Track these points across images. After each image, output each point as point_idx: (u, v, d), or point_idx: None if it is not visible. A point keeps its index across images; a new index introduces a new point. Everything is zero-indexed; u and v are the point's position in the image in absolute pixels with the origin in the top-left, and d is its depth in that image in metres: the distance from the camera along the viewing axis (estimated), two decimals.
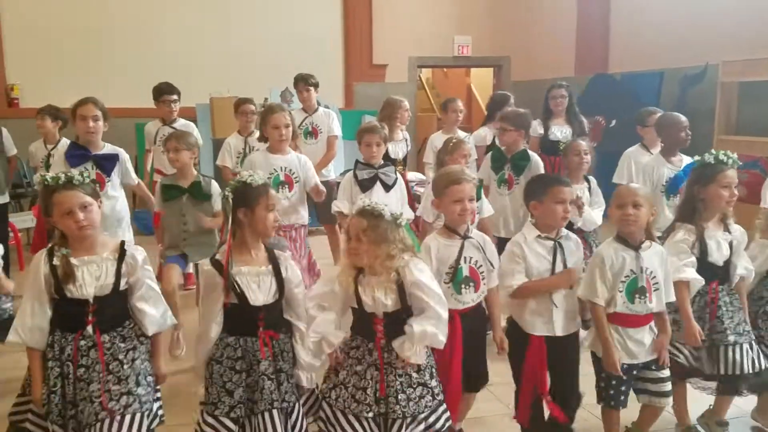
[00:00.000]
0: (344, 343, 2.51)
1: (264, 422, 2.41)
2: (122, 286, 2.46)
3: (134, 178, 4.27)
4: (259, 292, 2.46)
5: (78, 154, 3.88)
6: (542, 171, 4.41)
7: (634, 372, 2.83)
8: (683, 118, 4.21)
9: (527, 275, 2.77)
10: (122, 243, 2.52)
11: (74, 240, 2.43)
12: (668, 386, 2.86)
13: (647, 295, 2.75)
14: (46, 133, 5.74)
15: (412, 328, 2.39)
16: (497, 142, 5.47)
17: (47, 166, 5.58)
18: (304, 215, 4.11)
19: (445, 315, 2.43)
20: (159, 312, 2.55)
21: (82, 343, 2.40)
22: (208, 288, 2.48)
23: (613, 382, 2.80)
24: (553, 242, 2.79)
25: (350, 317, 2.56)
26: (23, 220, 6.63)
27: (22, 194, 7.63)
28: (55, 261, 2.39)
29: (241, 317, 2.46)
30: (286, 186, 3.96)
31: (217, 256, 2.49)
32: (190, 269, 4.15)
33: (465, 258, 2.77)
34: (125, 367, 2.42)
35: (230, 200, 2.47)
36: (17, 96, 8.76)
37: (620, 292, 2.74)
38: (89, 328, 2.40)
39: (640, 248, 2.76)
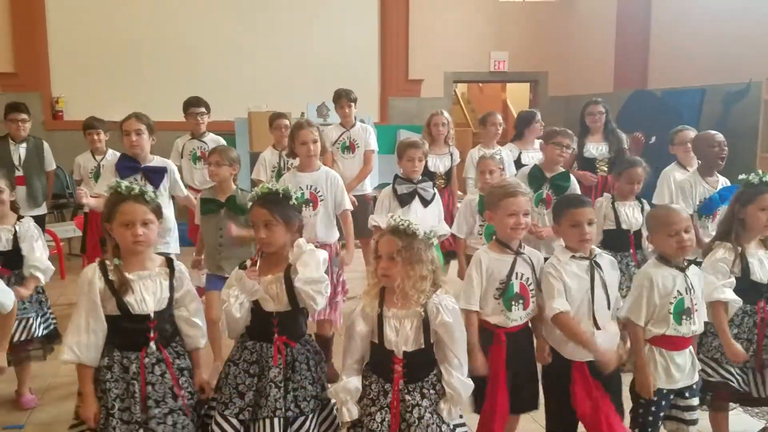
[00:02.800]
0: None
1: (264, 429, 2.44)
2: (174, 299, 2.52)
3: (183, 190, 4.34)
4: (269, 300, 2.51)
5: (129, 166, 3.98)
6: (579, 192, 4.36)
7: (671, 398, 2.73)
8: (718, 135, 4.11)
9: (567, 296, 2.68)
10: (169, 258, 2.57)
11: (126, 253, 2.46)
12: (696, 414, 2.78)
13: (692, 315, 2.68)
14: (98, 146, 5.80)
15: (458, 392, 2.36)
16: (522, 159, 5.43)
17: (97, 176, 5.68)
18: (327, 234, 4.02)
19: (466, 358, 2.43)
20: (204, 324, 2.63)
21: (146, 360, 2.42)
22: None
23: (652, 408, 2.70)
24: (588, 261, 2.71)
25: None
26: (65, 230, 6.78)
27: (64, 204, 7.80)
28: (111, 276, 2.41)
29: (257, 321, 2.53)
30: (311, 204, 3.94)
31: (247, 262, 2.55)
32: None
33: (516, 274, 2.72)
34: (180, 382, 2.50)
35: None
36: (62, 108, 8.98)
37: (669, 313, 2.66)
38: (152, 344, 2.44)
39: (687, 268, 2.70)
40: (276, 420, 2.43)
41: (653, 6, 9.05)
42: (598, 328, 2.67)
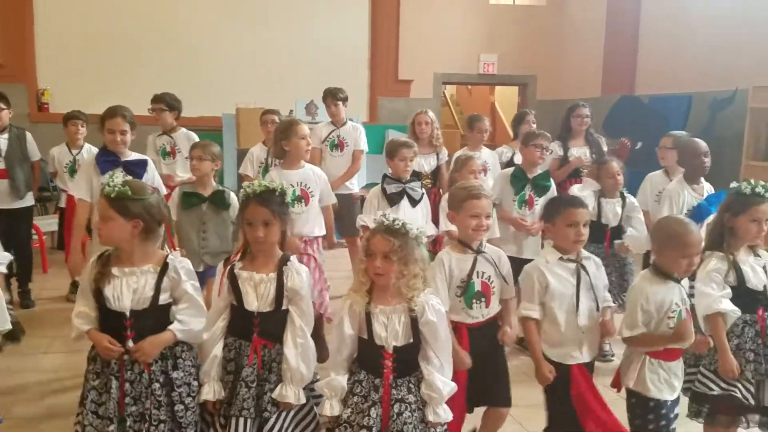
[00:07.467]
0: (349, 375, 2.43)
1: (235, 428, 2.44)
2: (162, 300, 2.44)
3: (163, 188, 4.27)
4: (254, 298, 2.50)
5: (110, 160, 3.91)
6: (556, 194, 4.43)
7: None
8: (701, 144, 4.11)
9: (551, 299, 2.69)
10: (166, 256, 2.50)
11: (122, 248, 2.44)
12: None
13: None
14: (79, 138, 5.75)
15: (439, 391, 2.34)
16: (515, 160, 5.46)
17: (72, 171, 5.61)
18: (317, 228, 4.08)
19: (449, 360, 2.42)
20: (198, 327, 2.52)
21: (126, 357, 2.38)
22: (218, 285, 2.59)
23: (663, 423, 2.65)
24: (575, 264, 2.73)
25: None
26: (48, 224, 6.70)
27: (48, 198, 7.69)
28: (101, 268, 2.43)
29: (239, 319, 2.53)
30: (302, 201, 3.98)
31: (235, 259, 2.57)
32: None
33: (477, 272, 2.76)
34: (163, 391, 2.40)
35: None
36: (47, 101, 8.89)
37: (670, 328, 2.62)
38: (130, 343, 2.38)
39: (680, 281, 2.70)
40: (242, 420, 2.42)
41: (642, 12, 9.11)
42: (583, 332, 2.67)
